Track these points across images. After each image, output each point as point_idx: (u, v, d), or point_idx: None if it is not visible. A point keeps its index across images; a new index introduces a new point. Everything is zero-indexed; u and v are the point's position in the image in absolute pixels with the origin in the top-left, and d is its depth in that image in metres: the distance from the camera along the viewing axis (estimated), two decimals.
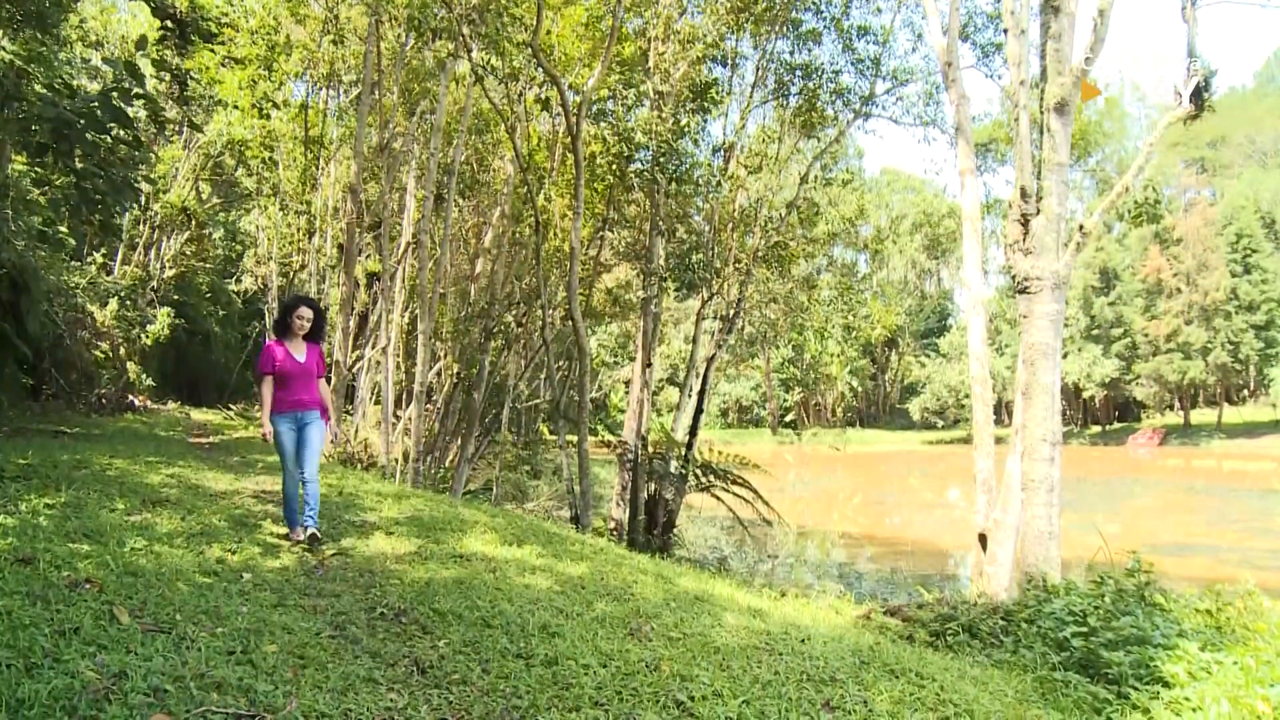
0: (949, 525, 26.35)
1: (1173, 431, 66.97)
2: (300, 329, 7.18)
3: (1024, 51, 10.89)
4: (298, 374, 7.12)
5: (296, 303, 7.27)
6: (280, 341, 7.19)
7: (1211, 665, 5.20)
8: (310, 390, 7.25)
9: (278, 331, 7.31)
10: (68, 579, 4.78)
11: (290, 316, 7.19)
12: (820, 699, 4.48)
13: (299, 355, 7.18)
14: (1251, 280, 65.92)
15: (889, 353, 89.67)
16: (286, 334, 7.23)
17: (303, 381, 7.17)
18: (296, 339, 7.23)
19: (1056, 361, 10.01)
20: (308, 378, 7.22)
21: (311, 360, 7.26)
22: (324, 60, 21.98)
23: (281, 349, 7.12)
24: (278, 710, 3.54)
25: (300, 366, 7.14)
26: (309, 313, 7.23)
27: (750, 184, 18.27)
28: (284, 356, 7.10)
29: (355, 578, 6.11)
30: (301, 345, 7.25)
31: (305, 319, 7.20)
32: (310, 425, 7.20)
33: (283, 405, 7.10)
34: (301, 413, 7.17)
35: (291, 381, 7.11)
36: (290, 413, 7.13)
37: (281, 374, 7.06)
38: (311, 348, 7.31)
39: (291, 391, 7.12)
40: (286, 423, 7.11)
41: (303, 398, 7.17)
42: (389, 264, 21.21)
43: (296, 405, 7.14)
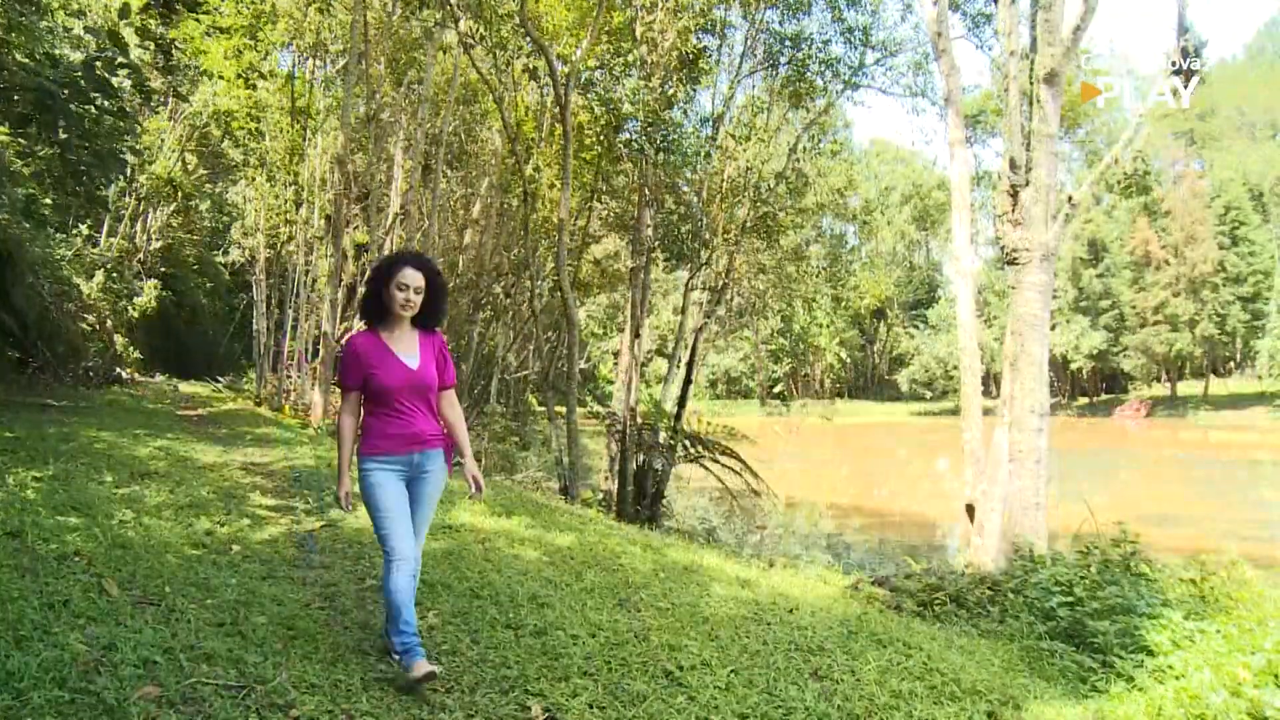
0: (937, 496, 26.46)
1: (1160, 403, 67.27)
2: (406, 307, 4.11)
3: (1014, 21, 10.84)
4: (407, 387, 4.13)
5: (398, 263, 4.17)
6: (372, 331, 4.21)
7: (1195, 634, 5.26)
8: (428, 414, 4.24)
9: (368, 314, 4.27)
10: (56, 552, 4.78)
11: (387, 286, 4.13)
12: (808, 668, 4.52)
13: (407, 354, 4.17)
14: (1239, 253, 66.06)
15: (877, 324, 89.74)
16: (383, 318, 4.20)
17: (416, 400, 4.18)
18: (400, 326, 4.19)
19: (1045, 333, 10.03)
20: (423, 393, 4.19)
21: (429, 362, 4.22)
22: (310, 30, 21.75)
23: (374, 343, 4.14)
24: (268, 681, 3.55)
25: (411, 374, 4.13)
26: (418, 278, 4.13)
27: (739, 155, 18.18)
28: (380, 357, 4.10)
29: (344, 549, 6.12)
30: (411, 337, 4.23)
31: (414, 288, 4.11)
32: (429, 476, 4.23)
33: (383, 442, 4.09)
34: (418, 454, 4.16)
35: (397, 400, 4.11)
36: (397, 455, 4.11)
37: (378, 388, 4.07)
38: (427, 340, 4.26)
39: (398, 416, 4.12)
40: (388, 472, 4.10)
41: (418, 427, 4.16)
42: (377, 235, 21.13)
43: (408, 442, 4.13)
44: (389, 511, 4.03)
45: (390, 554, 3.98)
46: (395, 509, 4.05)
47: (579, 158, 18.04)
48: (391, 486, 4.09)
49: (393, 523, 4.03)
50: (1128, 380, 74.66)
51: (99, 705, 3.06)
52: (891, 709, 4.09)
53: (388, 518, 4.02)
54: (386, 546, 4.01)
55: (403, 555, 3.97)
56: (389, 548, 4.00)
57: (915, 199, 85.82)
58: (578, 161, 17.96)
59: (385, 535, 4.02)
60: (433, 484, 4.29)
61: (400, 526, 4.03)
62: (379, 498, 4.04)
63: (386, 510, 4.03)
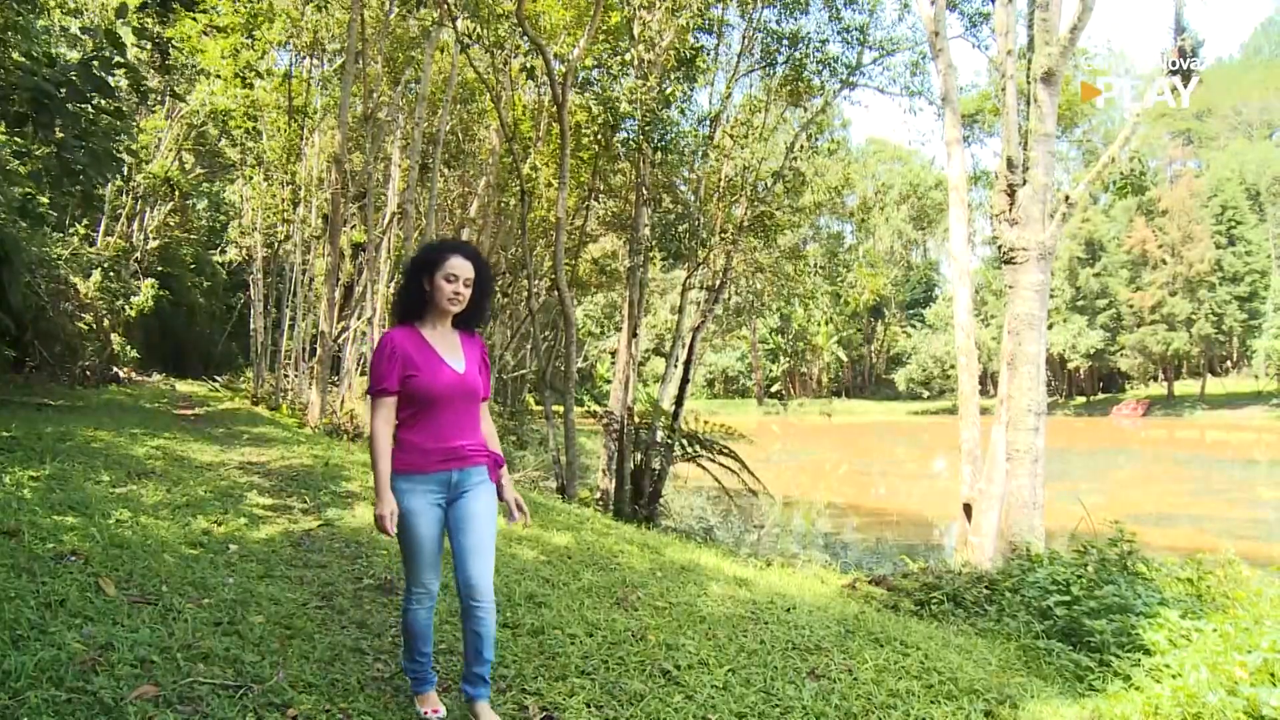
0: (934, 495, 26.46)
1: (1156, 402, 67.30)
2: (455, 301, 3.55)
3: (1011, 21, 10.86)
4: (453, 393, 3.54)
5: (444, 251, 3.60)
6: (410, 326, 3.60)
7: (1192, 633, 5.26)
8: (471, 425, 3.64)
9: (405, 311, 3.64)
10: (53, 551, 4.78)
11: (432, 277, 3.53)
12: (805, 667, 4.52)
13: (452, 356, 3.59)
14: (1236, 252, 66.12)
15: (875, 323, 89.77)
16: (423, 314, 3.60)
17: (459, 409, 3.58)
18: (443, 324, 3.62)
19: (1042, 332, 10.03)
20: (468, 400, 3.61)
21: (473, 365, 3.65)
22: (307, 28, 21.78)
23: (416, 340, 3.55)
24: (265, 680, 3.55)
25: (459, 379, 3.55)
26: (468, 268, 3.56)
27: (736, 154, 18.17)
28: (424, 357, 3.51)
29: (342, 548, 6.12)
30: (453, 337, 3.65)
31: (464, 280, 3.55)
32: (473, 493, 3.57)
33: (415, 458, 3.49)
34: (457, 471, 3.55)
35: (438, 409, 3.53)
36: (434, 474, 3.51)
37: (420, 393, 3.48)
38: (470, 343, 3.71)
39: (438, 428, 3.52)
40: (424, 494, 3.49)
41: (458, 442, 3.56)
42: (374, 234, 21.14)
43: (445, 458, 3.52)
44: (419, 545, 3.50)
45: (412, 586, 3.56)
46: (426, 543, 3.51)
47: (576, 157, 18.05)
48: (426, 516, 3.49)
49: (421, 556, 3.52)
50: (1125, 379, 74.71)
51: (96, 704, 3.06)
52: (889, 708, 4.09)
53: (417, 551, 3.51)
54: (409, 578, 3.56)
55: (426, 590, 3.56)
56: (411, 580, 3.56)
57: (913, 198, 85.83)
58: (575, 160, 17.97)
59: (410, 568, 3.54)
60: (480, 501, 3.58)
61: (428, 560, 3.54)
62: (411, 528, 3.47)
63: (417, 543, 3.49)
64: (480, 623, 3.47)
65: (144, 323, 30.42)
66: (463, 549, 3.48)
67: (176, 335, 35.12)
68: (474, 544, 3.49)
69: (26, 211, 11.81)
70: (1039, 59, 10.11)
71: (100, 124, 8.88)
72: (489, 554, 3.55)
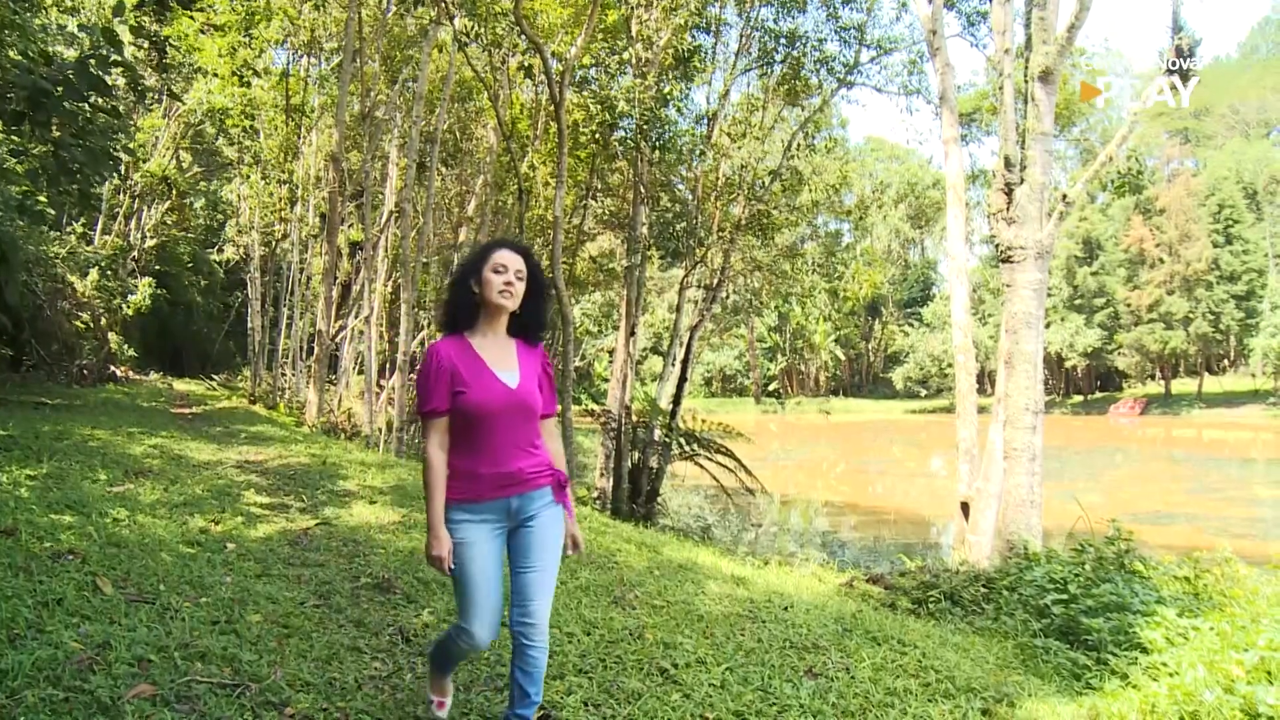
0: (932, 494, 26.50)
1: (1154, 401, 67.36)
2: (507, 293, 3.19)
3: (1009, 20, 10.86)
4: (506, 410, 3.17)
5: (491, 247, 3.30)
6: (458, 336, 3.26)
7: (1189, 631, 5.27)
8: (531, 444, 3.27)
9: (451, 320, 3.31)
10: (50, 550, 4.77)
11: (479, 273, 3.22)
12: (803, 666, 4.52)
13: (503, 368, 3.22)
14: (1233, 251, 66.11)
15: (872, 322, 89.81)
16: (473, 322, 3.27)
17: (515, 427, 3.21)
18: (495, 330, 3.27)
19: (1039, 331, 10.04)
20: (524, 417, 3.24)
21: (530, 377, 3.27)
22: (305, 27, 21.76)
23: (464, 351, 3.21)
24: (262, 679, 3.55)
25: (510, 395, 3.18)
26: (516, 259, 3.24)
27: (734, 152, 18.17)
28: (472, 371, 3.17)
29: (339, 547, 6.11)
30: (508, 346, 3.29)
31: (515, 271, 3.21)
32: (539, 520, 3.24)
33: (470, 485, 3.17)
34: (516, 498, 3.20)
35: (491, 428, 3.17)
36: (491, 501, 3.18)
37: (468, 411, 3.14)
38: (528, 353, 3.32)
39: (493, 450, 3.18)
40: (479, 526, 3.17)
41: (517, 464, 3.20)
42: (371, 233, 21.13)
43: (503, 484, 3.18)
44: (474, 582, 3.12)
45: (463, 626, 3.17)
46: (482, 580, 3.13)
47: (574, 155, 18.04)
48: (483, 548, 3.15)
49: (475, 595, 3.13)
50: (1122, 378, 74.74)
51: (93, 704, 3.06)
52: (886, 706, 4.09)
53: (472, 589, 3.13)
54: (462, 619, 3.17)
55: (477, 637, 3.15)
56: (464, 622, 3.16)
57: (910, 197, 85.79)
58: (572, 159, 17.97)
59: (464, 608, 3.15)
60: (546, 529, 3.24)
61: (484, 600, 3.14)
62: (466, 564, 3.12)
63: (471, 580, 3.12)
64: (532, 662, 3.15)
65: (141, 321, 30.44)
66: (522, 582, 3.18)
67: (174, 334, 35.15)
68: (535, 578, 3.18)
69: (24, 210, 11.78)
70: (1036, 58, 10.11)
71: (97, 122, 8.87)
72: (550, 589, 3.22)
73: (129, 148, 21.97)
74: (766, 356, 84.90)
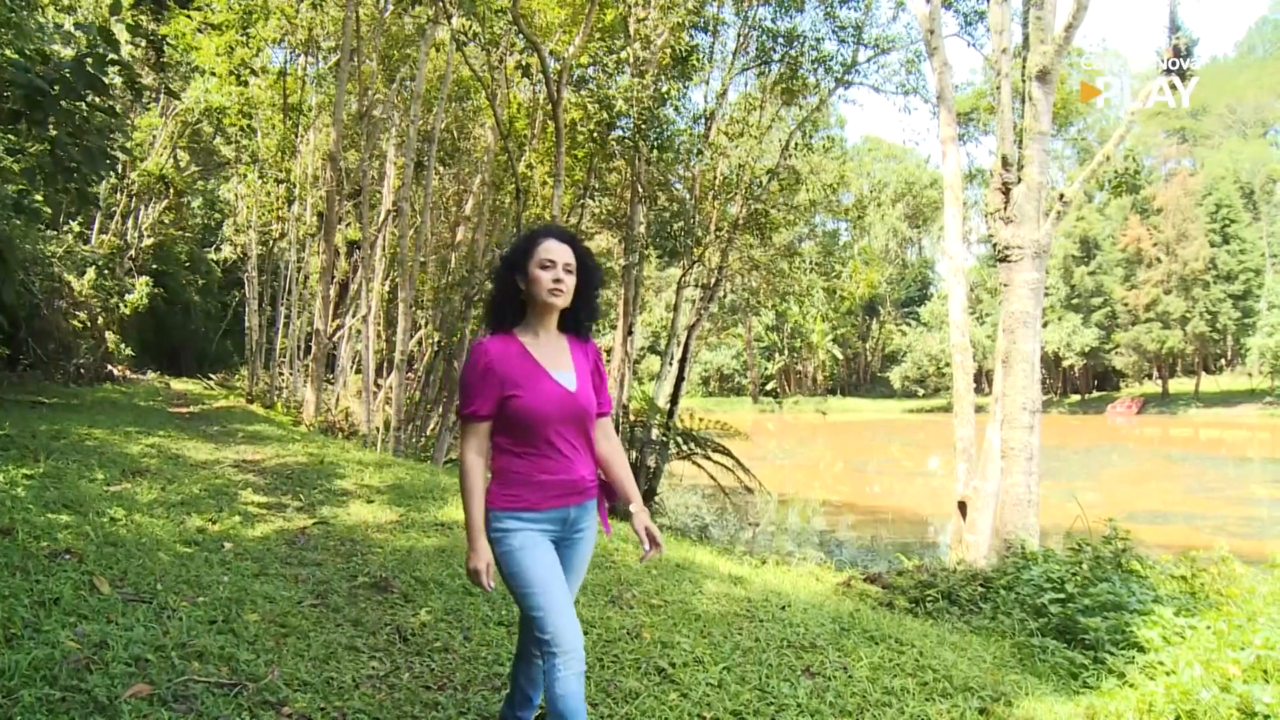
0: (929, 493, 26.50)
1: (1151, 400, 67.45)
2: (557, 292, 2.92)
3: (1007, 19, 10.85)
4: (563, 414, 2.93)
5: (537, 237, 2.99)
6: (507, 334, 2.99)
7: (1185, 630, 5.27)
8: (590, 449, 3.05)
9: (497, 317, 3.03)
10: (47, 549, 4.77)
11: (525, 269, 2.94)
12: (800, 665, 4.52)
13: (558, 368, 2.97)
14: (1230, 250, 66.23)
15: (870, 321, 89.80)
16: (521, 318, 3.02)
17: (574, 431, 2.98)
18: (545, 327, 3.01)
19: (1036, 330, 10.04)
20: (582, 423, 2.99)
21: (585, 378, 3.02)
22: (302, 26, 21.74)
23: (514, 351, 2.93)
24: (260, 679, 3.55)
25: (568, 397, 2.93)
26: (565, 251, 2.96)
27: (732, 152, 18.18)
28: (525, 371, 2.91)
29: (337, 546, 6.11)
30: (560, 344, 3.04)
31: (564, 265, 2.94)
32: (584, 537, 3.06)
33: (529, 493, 2.89)
34: (574, 507, 2.98)
35: (550, 433, 2.91)
36: (547, 511, 2.92)
37: (524, 416, 2.87)
38: (580, 350, 3.08)
39: (555, 456, 2.92)
40: (536, 533, 2.89)
41: (578, 472, 2.97)
42: (369, 232, 21.12)
43: (564, 492, 2.95)
44: (545, 586, 2.80)
45: (553, 644, 2.73)
46: (552, 582, 2.82)
47: (571, 155, 18.02)
48: (543, 551, 2.87)
49: (552, 600, 2.79)
50: (1119, 377, 74.81)
51: (90, 703, 3.06)
52: (884, 705, 4.09)
53: (544, 593, 2.79)
54: (546, 632, 2.74)
55: (570, 646, 2.74)
56: (550, 635, 2.74)
57: (908, 196, 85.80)
58: (570, 158, 17.94)
59: (543, 619, 2.75)
60: (587, 545, 3.08)
61: (563, 605, 2.80)
62: (528, 567, 2.81)
63: (541, 585, 2.80)
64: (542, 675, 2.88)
65: (139, 320, 30.40)
66: None
67: (171, 333, 35.14)
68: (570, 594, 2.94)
69: (21, 208, 11.76)
70: (1034, 57, 10.11)
71: (94, 121, 8.85)
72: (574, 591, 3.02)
73: (126, 147, 21.96)
74: (764, 356, 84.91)
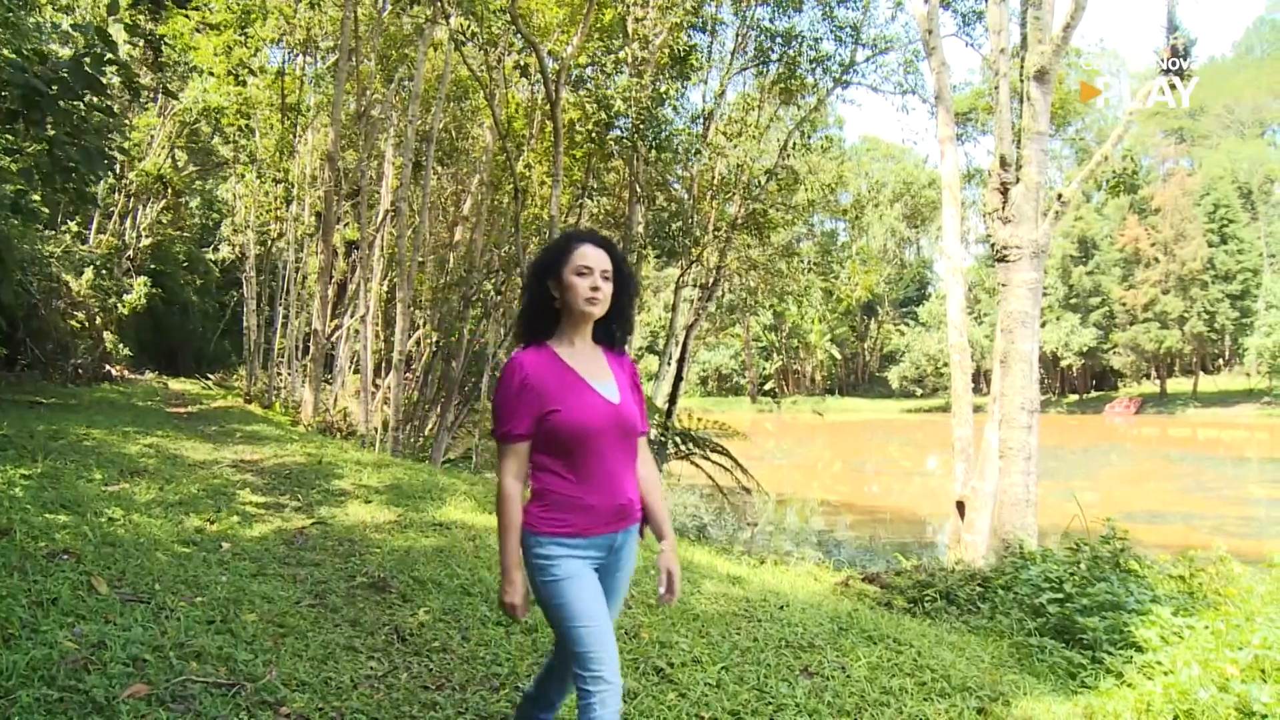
0: (927, 493, 26.51)
1: (1149, 400, 67.49)
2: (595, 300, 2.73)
3: (1005, 19, 10.86)
4: (611, 430, 2.73)
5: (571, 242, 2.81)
6: (541, 346, 2.79)
7: (1183, 630, 5.27)
8: (634, 469, 2.85)
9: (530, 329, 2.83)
10: (45, 549, 4.77)
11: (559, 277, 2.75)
12: (799, 665, 4.52)
13: (600, 380, 2.78)
14: (1228, 250, 66.30)
15: (868, 321, 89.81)
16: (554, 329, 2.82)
17: (621, 449, 2.78)
18: (581, 338, 2.82)
19: (1035, 330, 10.04)
20: (627, 438, 2.80)
21: (626, 390, 2.84)
22: (300, 26, 21.72)
23: (552, 364, 2.74)
24: (258, 679, 3.55)
25: (614, 411, 2.74)
26: (602, 257, 2.76)
27: (730, 152, 18.19)
28: (566, 385, 2.71)
29: (335, 546, 6.11)
30: (597, 356, 2.85)
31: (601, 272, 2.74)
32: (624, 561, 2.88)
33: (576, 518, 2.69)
34: (621, 533, 2.79)
35: (596, 452, 2.71)
36: (594, 537, 2.72)
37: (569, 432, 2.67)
38: (618, 361, 2.91)
39: (604, 477, 2.73)
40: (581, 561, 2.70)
41: (626, 495, 2.77)
42: (367, 232, 21.11)
43: (612, 517, 2.75)
44: (591, 619, 2.62)
45: (595, 680, 2.59)
46: (599, 615, 2.64)
47: (569, 155, 18.02)
48: (590, 581, 2.68)
49: (597, 635, 2.62)
50: (1117, 377, 74.85)
51: (88, 703, 3.05)
52: (882, 705, 4.09)
53: (590, 628, 2.61)
54: (589, 669, 2.60)
55: (613, 681, 2.61)
56: (592, 670, 2.60)
57: (906, 196, 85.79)
58: (568, 158, 17.94)
59: (587, 655, 2.60)
60: (627, 571, 2.90)
61: (608, 640, 2.64)
62: (573, 600, 2.62)
63: (588, 618, 2.62)
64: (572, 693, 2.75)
65: (137, 321, 30.38)
66: None
67: (169, 333, 35.14)
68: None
69: (18, 209, 11.75)
70: (1032, 57, 10.12)
71: (92, 121, 8.84)
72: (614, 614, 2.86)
73: (124, 147, 21.92)
74: (762, 356, 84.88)
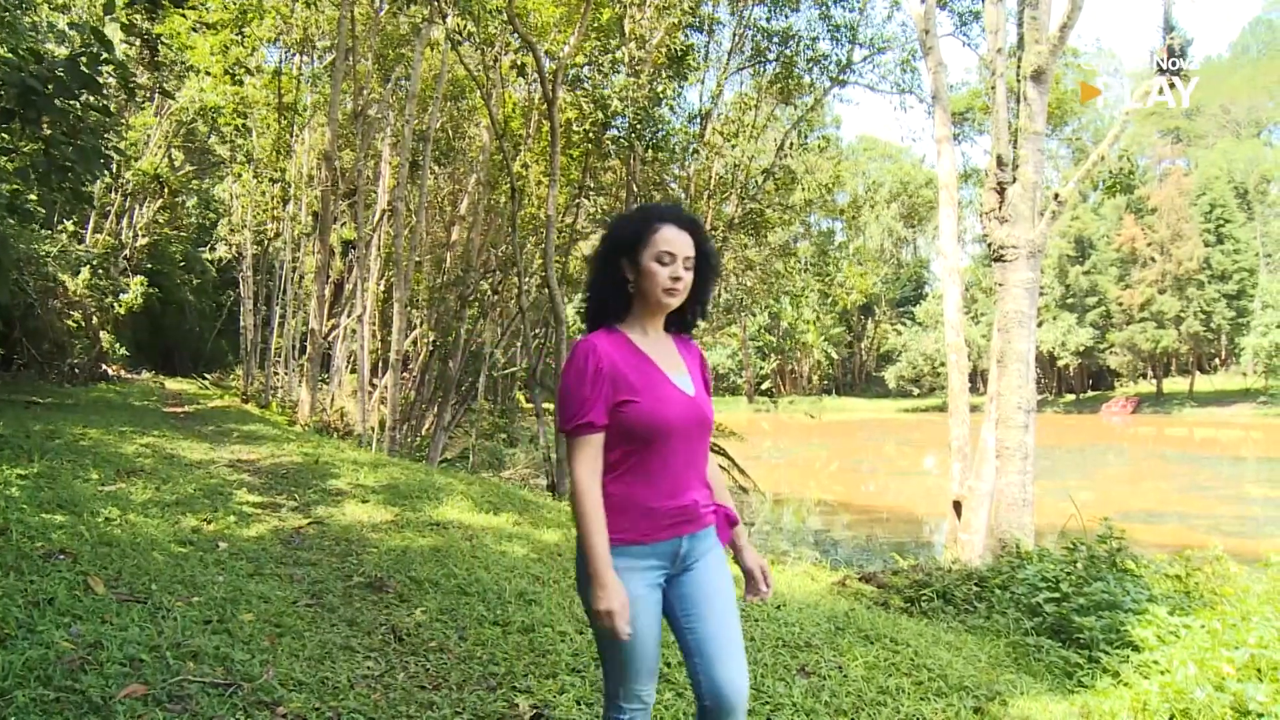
0: (924, 493, 26.51)
1: (1146, 400, 67.52)
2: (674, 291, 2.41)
3: (1002, 19, 10.89)
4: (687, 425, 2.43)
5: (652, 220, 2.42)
6: (613, 331, 2.47)
7: (1180, 629, 5.27)
8: (703, 469, 2.55)
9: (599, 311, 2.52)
10: (42, 549, 4.76)
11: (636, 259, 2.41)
12: (796, 664, 4.52)
13: (675, 371, 2.49)
14: (1224, 250, 66.34)
15: (865, 321, 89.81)
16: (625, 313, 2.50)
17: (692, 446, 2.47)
18: (654, 325, 2.52)
19: (1031, 330, 10.06)
20: (701, 434, 2.51)
21: (699, 381, 2.55)
22: (297, 25, 21.71)
23: (627, 350, 2.43)
24: (254, 679, 3.54)
25: (690, 404, 2.44)
26: (686, 242, 2.42)
27: (727, 151, 18.20)
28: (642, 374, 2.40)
29: (332, 546, 6.10)
30: (668, 344, 2.55)
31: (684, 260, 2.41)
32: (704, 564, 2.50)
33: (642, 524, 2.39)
34: (688, 538, 2.45)
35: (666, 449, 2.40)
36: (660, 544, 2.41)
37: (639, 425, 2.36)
38: (688, 350, 2.61)
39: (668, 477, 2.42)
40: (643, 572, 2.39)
41: (693, 495, 2.47)
42: (364, 231, 21.11)
43: (677, 519, 2.43)
44: (638, 646, 2.37)
45: (622, 700, 2.46)
46: (649, 642, 2.41)
47: (566, 154, 18.01)
48: (645, 602, 2.38)
49: (640, 660, 2.41)
50: (1114, 377, 74.89)
51: (85, 703, 3.04)
52: (879, 705, 4.09)
53: (635, 654, 2.39)
54: (617, 689, 2.45)
55: (643, 704, 2.48)
56: (622, 691, 2.45)
57: (903, 196, 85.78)
58: (565, 158, 17.94)
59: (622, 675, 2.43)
60: (717, 574, 2.51)
61: (649, 664, 2.44)
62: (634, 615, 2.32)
63: (635, 644, 2.36)
64: None
65: (133, 320, 30.38)
66: (708, 640, 2.42)
67: (166, 333, 35.12)
68: (720, 632, 2.43)
69: (15, 208, 11.75)
70: (1029, 57, 10.13)
71: (89, 120, 8.83)
72: (741, 645, 2.48)
73: (120, 146, 21.91)
74: (759, 355, 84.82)
